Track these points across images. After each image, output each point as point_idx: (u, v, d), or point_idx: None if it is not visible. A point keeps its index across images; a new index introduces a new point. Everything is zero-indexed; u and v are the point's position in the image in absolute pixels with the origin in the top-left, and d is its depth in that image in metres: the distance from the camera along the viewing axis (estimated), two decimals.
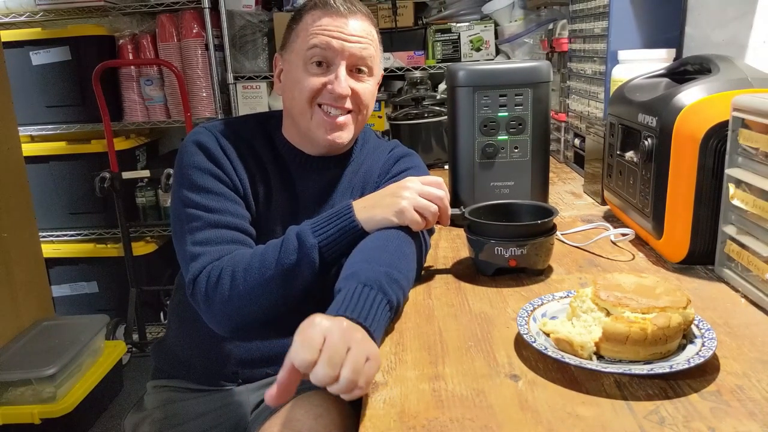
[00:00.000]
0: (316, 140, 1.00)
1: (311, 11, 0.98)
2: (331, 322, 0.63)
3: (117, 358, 2.22)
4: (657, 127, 0.93)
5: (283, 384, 0.61)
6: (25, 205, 2.18)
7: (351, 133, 1.01)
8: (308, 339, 0.60)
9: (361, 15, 0.99)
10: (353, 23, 0.97)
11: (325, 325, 0.62)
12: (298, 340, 0.61)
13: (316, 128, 0.98)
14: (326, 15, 0.97)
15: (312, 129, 0.99)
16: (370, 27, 1.00)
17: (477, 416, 0.59)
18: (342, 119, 0.98)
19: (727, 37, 1.25)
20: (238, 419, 1.00)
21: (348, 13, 0.97)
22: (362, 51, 0.98)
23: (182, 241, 0.93)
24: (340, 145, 1.01)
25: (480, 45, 2.47)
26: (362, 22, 0.99)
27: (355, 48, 0.97)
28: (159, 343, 1.13)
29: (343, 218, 0.88)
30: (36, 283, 2.20)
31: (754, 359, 0.67)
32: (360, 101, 0.99)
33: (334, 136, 0.98)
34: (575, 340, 0.65)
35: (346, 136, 1.00)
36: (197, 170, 0.95)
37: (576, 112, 1.65)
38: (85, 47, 2.49)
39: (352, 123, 1.00)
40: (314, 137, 0.99)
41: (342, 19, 0.97)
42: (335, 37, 0.95)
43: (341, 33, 0.96)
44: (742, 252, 0.82)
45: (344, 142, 1.01)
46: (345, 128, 0.99)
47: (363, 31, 0.98)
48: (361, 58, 0.98)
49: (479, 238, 0.92)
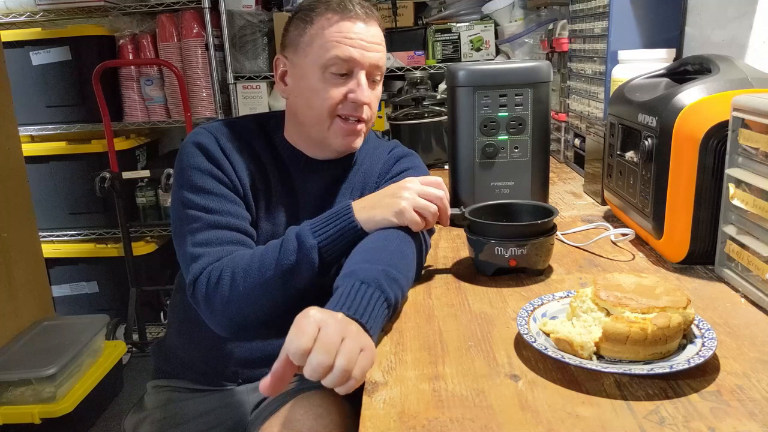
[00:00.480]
0: (331, 147, 1.00)
1: (326, 14, 0.95)
2: (326, 314, 0.64)
3: (117, 358, 2.22)
4: (657, 127, 0.93)
5: (278, 373, 0.62)
6: (25, 205, 2.19)
7: (363, 138, 1.02)
8: (303, 328, 0.61)
9: (376, 20, 0.98)
10: (372, 30, 0.97)
11: (319, 317, 0.62)
12: (293, 331, 0.61)
13: (334, 136, 0.98)
14: (345, 19, 0.94)
15: (329, 137, 0.99)
16: (382, 32, 1.00)
17: (477, 416, 0.59)
18: (360, 126, 0.99)
19: (727, 37, 1.25)
20: (238, 419, 1.00)
21: (366, 18, 0.96)
22: (380, 60, 0.98)
23: (182, 242, 0.93)
24: (354, 150, 1.02)
25: (480, 45, 2.47)
26: (378, 29, 0.98)
27: (374, 57, 0.96)
28: (159, 343, 1.13)
29: (342, 219, 0.88)
30: (36, 283, 2.20)
31: (754, 359, 0.67)
32: (372, 108, 1.00)
33: (350, 140, 0.99)
34: (575, 340, 0.65)
35: (359, 141, 1.01)
36: (197, 171, 0.95)
37: (576, 112, 1.65)
38: (85, 47, 2.49)
39: (365, 128, 1.01)
40: (330, 144, 0.99)
41: (361, 24, 0.95)
42: (356, 46, 0.94)
43: (362, 42, 0.95)
44: (742, 252, 0.82)
45: (358, 147, 1.02)
46: (360, 134, 1.00)
47: (380, 38, 0.98)
48: (378, 67, 0.98)
49: (479, 238, 0.92)
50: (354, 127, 0.98)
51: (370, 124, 1.02)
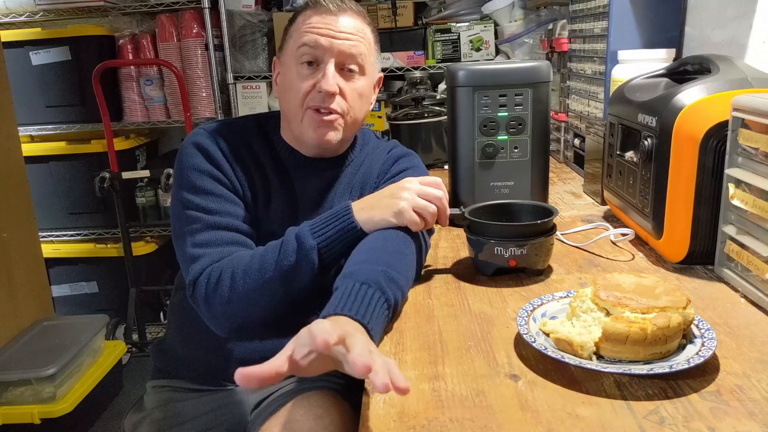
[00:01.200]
0: (306, 140, 0.99)
1: (303, 12, 0.99)
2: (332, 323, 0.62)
3: (117, 358, 2.22)
4: (657, 127, 0.93)
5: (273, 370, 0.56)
6: (25, 205, 2.18)
7: (341, 133, 0.99)
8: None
9: (351, 12, 0.98)
10: (343, 20, 0.97)
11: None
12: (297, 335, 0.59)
13: (306, 128, 0.97)
14: (316, 13, 0.97)
15: (302, 130, 0.98)
16: (362, 25, 0.99)
17: (477, 416, 0.59)
18: (332, 117, 0.96)
19: (727, 37, 1.25)
20: (238, 419, 1.00)
21: (338, 11, 0.97)
22: (351, 48, 0.96)
23: (182, 243, 0.93)
24: (329, 144, 0.98)
25: (480, 45, 2.47)
26: (353, 20, 0.98)
27: (344, 45, 0.95)
28: (159, 343, 1.13)
29: (342, 219, 0.88)
30: (36, 283, 2.20)
31: (754, 359, 0.67)
32: (348, 100, 0.97)
33: (321, 133, 0.97)
34: (575, 340, 0.65)
35: (334, 135, 0.98)
36: (196, 172, 0.95)
37: (576, 112, 1.64)
38: (85, 47, 2.49)
39: (341, 123, 0.98)
40: (305, 137, 0.99)
41: (331, 16, 0.96)
42: (323, 34, 0.95)
43: (330, 30, 0.95)
44: (742, 252, 0.82)
45: (333, 142, 0.98)
46: (335, 127, 0.97)
47: (353, 29, 0.97)
48: (351, 55, 0.96)
49: (479, 238, 0.92)
50: (324, 119, 0.96)
51: (348, 117, 0.98)
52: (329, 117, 0.96)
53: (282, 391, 0.98)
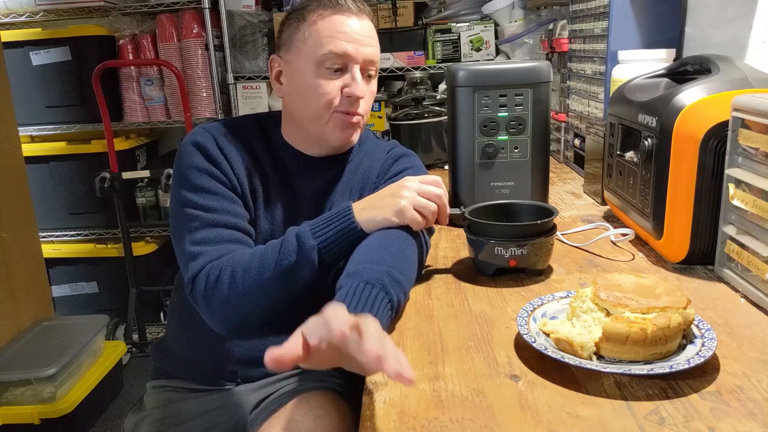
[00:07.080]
0: (328, 142, 1.00)
1: (318, 10, 0.96)
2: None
3: (117, 359, 2.22)
4: (657, 127, 0.93)
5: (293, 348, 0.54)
6: (25, 205, 2.18)
7: (359, 133, 1.03)
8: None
9: (367, 15, 0.99)
10: (363, 24, 0.97)
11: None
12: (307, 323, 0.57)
13: (332, 131, 0.98)
14: (337, 14, 0.95)
15: (327, 132, 0.99)
16: (373, 27, 1.01)
17: (477, 416, 0.59)
18: (356, 119, 0.99)
19: (727, 38, 1.25)
20: (238, 419, 1.00)
21: (359, 13, 0.97)
22: (373, 55, 0.98)
23: (181, 241, 0.93)
24: (351, 144, 1.03)
25: (480, 45, 2.47)
26: (369, 23, 0.99)
27: (367, 52, 0.97)
28: (159, 343, 1.13)
29: (342, 220, 0.88)
30: (36, 283, 2.20)
31: (754, 359, 0.67)
32: (367, 103, 1.01)
33: (347, 134, 1.00)
34: (575, 340, 0.65)
35: (356, 136, 1.02)
36: (195, 170, 0.95)
37: (576, 112, 1.64)
38: (85, 47, 2.49)
39: (362, 124, 1.02)
40: (328, 139, 1.00)
41: (353, 19, 0.96)
42: (350, 41, 0.95)
43: (354, 36, 0.95)
44: (742, 252, 0.82)
45: (354, 142, 1.03)
46: (357, 128, 1.01)
47: (373, 33, 0.99)
48: (372, 61, 0.99)
49: (479, 238, 0.92)
50: (351, 121, 0.98)
51: (365, 118, 1.03)
52: (355, 119, 0.99)
53: (281, 391, 0.98)
